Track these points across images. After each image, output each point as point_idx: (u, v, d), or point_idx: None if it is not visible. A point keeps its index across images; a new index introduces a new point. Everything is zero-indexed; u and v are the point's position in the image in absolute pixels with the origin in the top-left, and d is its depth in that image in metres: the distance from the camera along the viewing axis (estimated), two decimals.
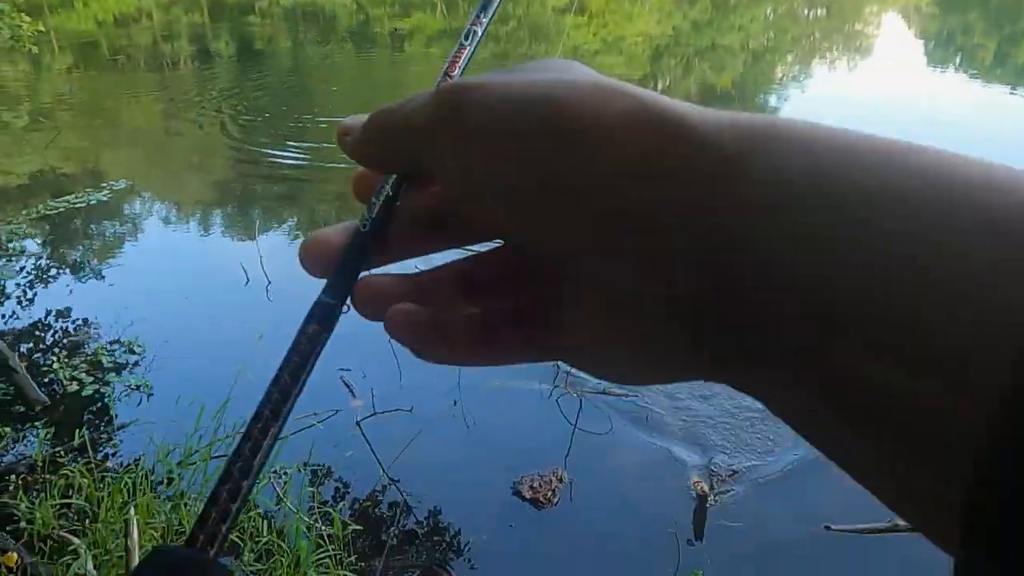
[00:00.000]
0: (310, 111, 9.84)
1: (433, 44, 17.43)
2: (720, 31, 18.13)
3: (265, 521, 2.84)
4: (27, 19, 6.31)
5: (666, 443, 3.61)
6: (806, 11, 22.33)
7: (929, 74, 13.40)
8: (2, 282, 5.10)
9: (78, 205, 6.36)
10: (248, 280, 5.06)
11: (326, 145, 8.00)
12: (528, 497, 3.26)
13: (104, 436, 3.58)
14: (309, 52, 16.61)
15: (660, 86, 12.58)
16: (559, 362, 0.30)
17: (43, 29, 6.92)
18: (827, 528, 3.10)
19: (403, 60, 15.65)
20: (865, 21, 19.73)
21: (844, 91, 12.36)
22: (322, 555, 2.70)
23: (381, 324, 0.34)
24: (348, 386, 3.94)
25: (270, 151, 7.92)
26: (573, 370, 3.98)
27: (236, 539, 2.76)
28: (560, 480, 3.34)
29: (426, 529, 3.13)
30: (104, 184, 6.92)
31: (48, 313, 4.77)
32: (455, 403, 3.81)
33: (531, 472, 3.36)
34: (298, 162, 7.57)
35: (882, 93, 11.79)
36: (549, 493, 3.27)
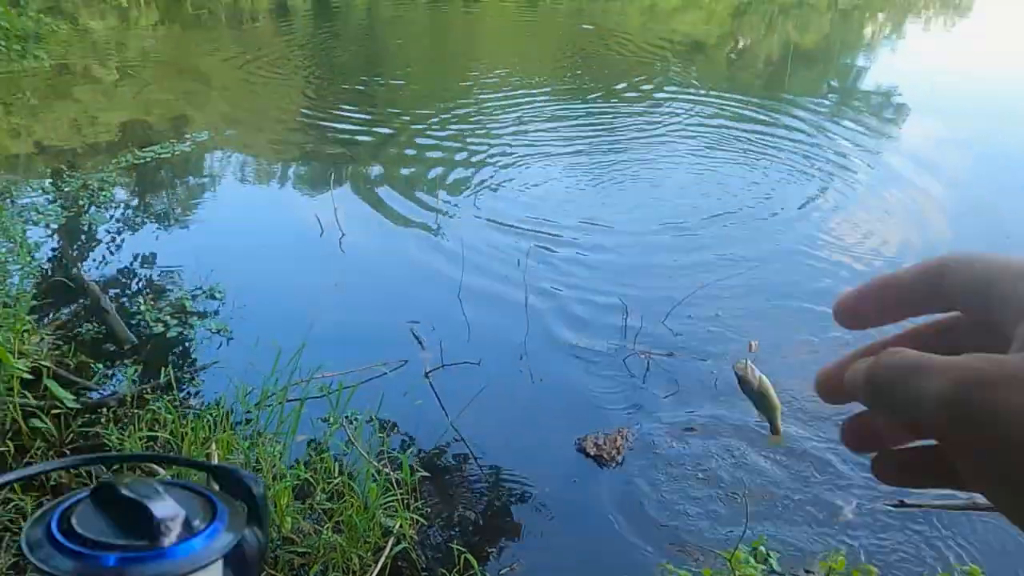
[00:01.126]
0: (381, 67, 9.89)
1: None
2: None
3: (337, 463, 2.94)
4: None
5: (731, 407, 3.56)
6: None
7: None
8: (94, 228, 5.35)
9: (163, 155, 6.60)
10: (323, 231, 5.18)
11: (391, 108, 8.05)
12: (592, 454, 3.28)
13: (187, 375, 3.75)
14: (382, 7, 16.62)
15: (741, 44, 12.14)
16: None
17: None
18: (901, 503, 3.03)
19: (475, 16, 15.51)
20: None
21: (939, 52, 11.68)
22: (389, 498, 2.78)
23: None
24: (417, 338, 4.01)
25: (342, 108, 8.02)
26: (642, 330, 3.95)
27: (309, 478, 2.87)
28: (624, 439, 3.34)
29: (491, 479, 3.18)
30: (187, 135, 7.14)
31: (135, 258, 5.00)
32: (521, 358, 3.84)
33: (596, 430, 3.37)
34: (367, 119, 7.65)
35: (981, 55, 11.08)
36: (613, 451, 3.28)
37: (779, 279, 4.67)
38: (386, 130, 7.30)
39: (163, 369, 3.66)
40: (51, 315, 4.20)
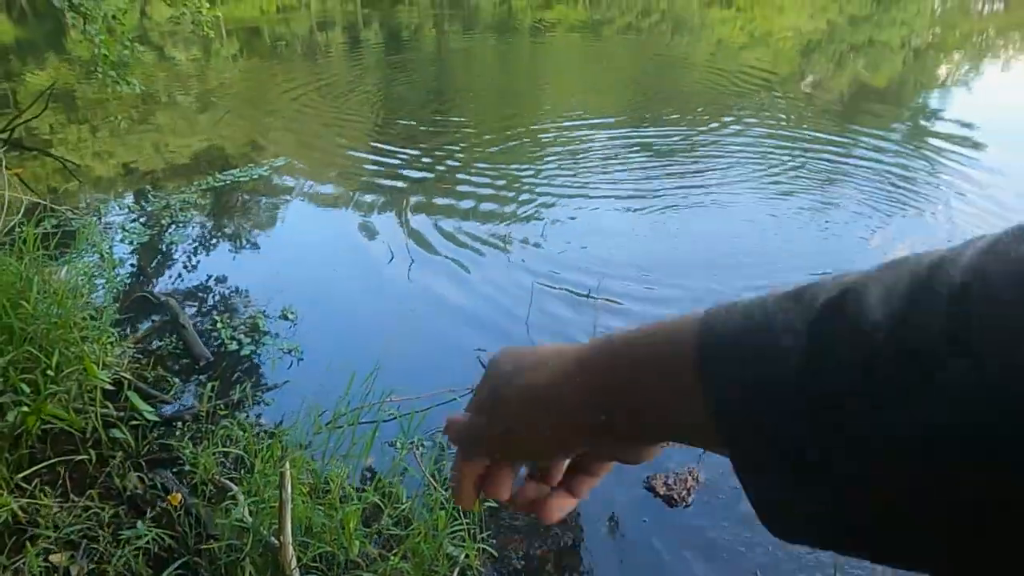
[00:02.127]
0: (448, 100, 10.06)
1: (575, 32, 17.44)
2: (879, 26, 17.03)
3: (404, 488, 2.93)
4: (207, 5, 6.81)
5: None
6: (980, 5, 20.59)
7: None
8: (174, 246, 5.54)
9: (241, 179, 6.82)
10: (393, 257, 5.25)
11: (458, 142, 8.17)
12: (662, 493, 3.19)
13: (259, 393, 3.81)
14: (451, 38, 17.01)
15: (810, 80, 11.97)
16: None
17: (219, 14, 7.41)
18: None
19: (542, 50, 15.72)
20: None
21: (1018, 96, 11.31)
22: (456, 527, 2.76)
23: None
24: (483, 365, 3.99)
25: (410, 139, 8.18)
26: None
27: (377, 502, 2.87)
28: (695, 479, 3.25)
29: None
30: (264, 161, 7.38)
31: (211, 276, 5.15)
32: None
33: (666, 468, 3.29)
34: (434, 152, 7.78)
35: None
36: (684, 492, 3.19)
37: None
38: (453, 163, 7.39)
39: (237, 386, 3.74)
40: (132, 329, 4.34)
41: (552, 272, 5.06)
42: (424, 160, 7.43)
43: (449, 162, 7.38)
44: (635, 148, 7.97)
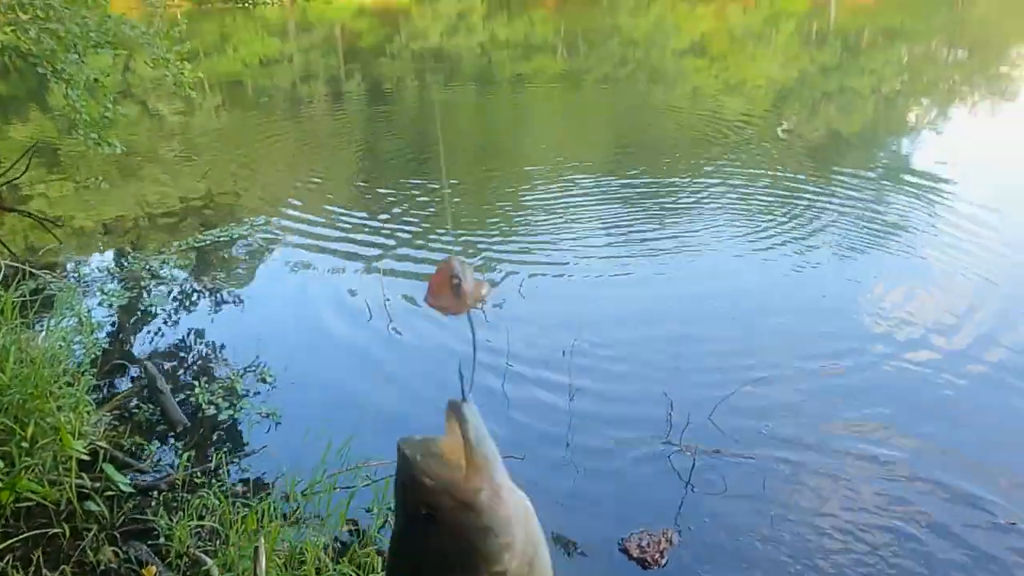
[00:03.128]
0: (428, 153, 10.21)
1: (554, 82, 17.82)
2: (849, 74, 17.52)
3: (380, 557, 2.93)
4: (188, 66, 6.92)
5: (785, 507, 3.48)
6: (945, 52, 21.26)
7: None
8: (154, 308, 5.56)
9: (222, 238, 6.88)
10: (371, 316, 5.30)
11: (438, 197, 8.28)
12: (635, 555, 3.21)
13: (236, 459, 3.81)
14: (433, 90, 17.31)
15: (784, 127, 12.27)
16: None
17: (201, 75, 7.53)
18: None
19: (522, 101, 16.01)
20: (1012, 63, 18.53)
21: (985, 137, 11.64)
22: None
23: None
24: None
25: (390, 196, 8.30)
26: (688, 428, 3.91)
27: (352, 573, 2.86)
28: (670, 541, 3.27)
29: None
30: (245, 219, 7.45)
31: (190, 339, 5.16)
32: (565, 454, 3.83)
33: (640, 529, 3.32)
34: (414, 208, 7.88)
35: None
36: (657, 554, 3.21)
37: (828, 371, 4.60)
38: (433, 221, 7.46)
39: (214, 452, 3.74)
40: (109, 393, 4.34)
41: (530, 330, 5.11)
42: (404, 218, 7.52)
43: (429, 220, 7.47)
44: (614, 201, 8.12)
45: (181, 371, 4.75)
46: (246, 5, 38.33)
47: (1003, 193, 7.85)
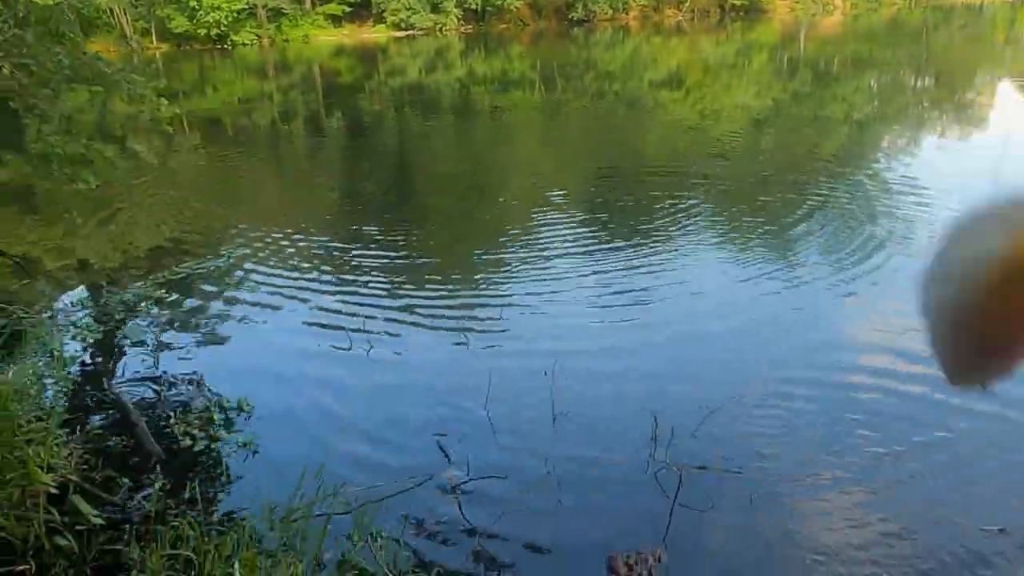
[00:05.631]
0: (409, 185, 10.24)
1: (532, 112, 18.03)
2: (821, 102, 17.88)
3: None
4: (165, 102, 6.91)
5: (773, 522, 3.43)
6: (912, 80, 21.78)
7: None
8: (128, 341, 5.46)
9: (198, 271, 6.81)
10: (351, 345, 5.24)
11: (417, 229, 8.29)
12: (622, 574, 3.14)
13: (212, 490, 3.71)
14: (412, 122, 17.43)
15: (762, 155, 12.44)
16: None
17: (178, 110, 7.52)
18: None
19: (499, 134, 16.15)
20: (977, 90, 19.00)
21: (955, 161, 11.86)
22: None
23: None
24: (444, 452, 3.96)
25: (370, 226, 8.28)
26: (672, 444, 3.87)
27: None
28: (658, 560, 3.21)
29: None
30: (222, 252, 7.39)
31: (166, 370, 5.06)
32: (549, 473, 3.77)
33: (627, 548, 3.25)
34: (393, 240, 7.87)
35: (994, 162, 11.22)
36: (645, 573, 3.15)
37: (809, 387, 4.58)
38: (412, 253, 7.45)
39: (189, 484, 3.64)
40: (81, 427, 4.24)
41: (510, 355, 5.07)
42: (382, 251, 7.50)
43: (407, 252, 7.45)
44: (592, 232, 8.15)
45: (157, 403, 4.65)
46: (225, 46, 38.65)
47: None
